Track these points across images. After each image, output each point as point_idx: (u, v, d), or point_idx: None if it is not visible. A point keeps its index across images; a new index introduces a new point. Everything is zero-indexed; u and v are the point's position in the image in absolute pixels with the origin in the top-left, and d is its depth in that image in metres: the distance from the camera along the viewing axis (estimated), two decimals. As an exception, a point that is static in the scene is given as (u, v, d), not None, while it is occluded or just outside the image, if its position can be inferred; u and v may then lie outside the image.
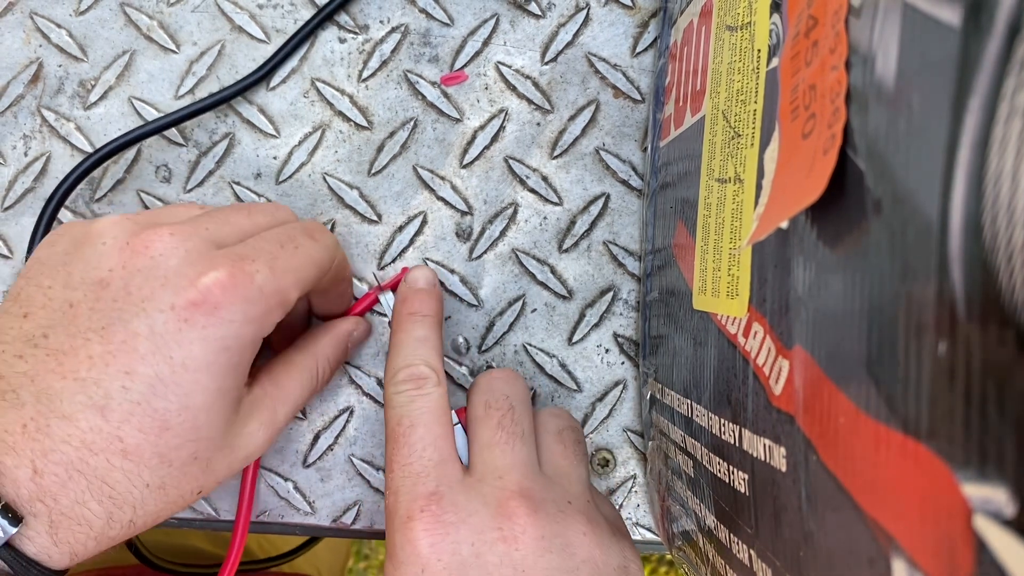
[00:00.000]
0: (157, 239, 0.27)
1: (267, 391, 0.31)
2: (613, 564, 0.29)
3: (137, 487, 0.26)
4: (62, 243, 0.28)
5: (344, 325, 0.36)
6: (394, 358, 0.33)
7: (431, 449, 0.30)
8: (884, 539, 0.15)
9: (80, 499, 0.25)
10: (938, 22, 0.14)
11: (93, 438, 0.25)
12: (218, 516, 0.38)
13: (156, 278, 0.27)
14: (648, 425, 0.36)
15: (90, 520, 0.26)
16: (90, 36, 0.39)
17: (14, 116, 0.39)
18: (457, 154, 0.39)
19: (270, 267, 0.28)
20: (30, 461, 0.25)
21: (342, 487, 0.38)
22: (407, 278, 0.36)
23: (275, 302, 0.28)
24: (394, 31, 0.39)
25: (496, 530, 0.28)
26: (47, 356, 0.26)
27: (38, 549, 0.25)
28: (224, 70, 0.39)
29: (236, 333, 0.27)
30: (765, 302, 0.22)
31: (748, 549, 0.23)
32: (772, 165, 0.21)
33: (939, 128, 0.13)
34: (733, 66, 0.25)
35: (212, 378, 0.27)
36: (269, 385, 0.31)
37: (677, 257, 0.31)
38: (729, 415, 0.24)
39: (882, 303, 0.15)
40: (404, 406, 0.31)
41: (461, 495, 0.29)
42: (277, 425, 0.31)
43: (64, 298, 0.27)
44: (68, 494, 0.25)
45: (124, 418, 0.26)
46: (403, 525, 0.28)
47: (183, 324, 0.26)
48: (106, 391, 0.25)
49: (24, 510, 0.25)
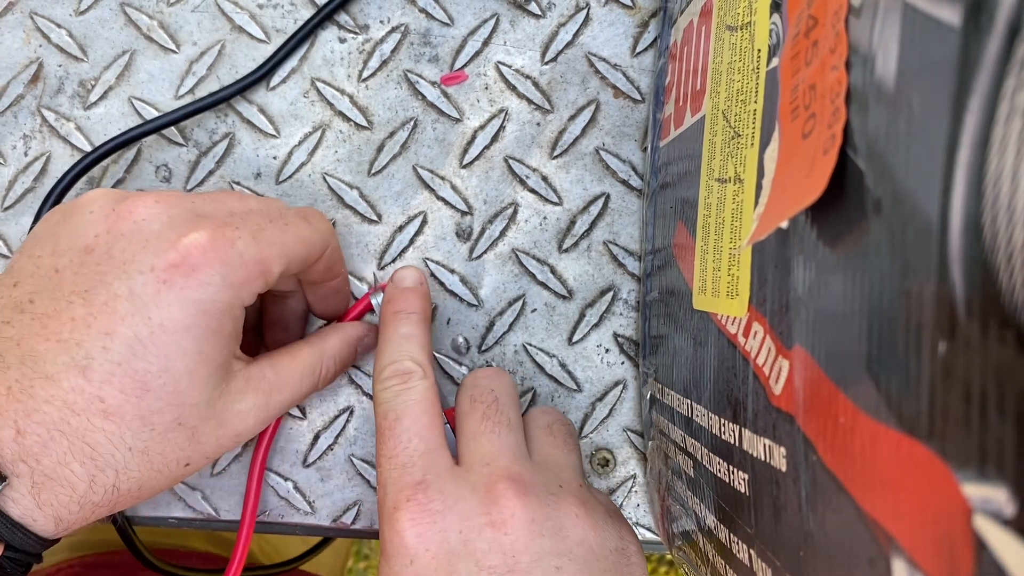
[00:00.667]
0: (142, 205, 0.28)
1: (265, 374, 0.31)
2: (609, 546, 0.29)
3: (119, 449, 0.26)
4: (55, 216, 0.29)
5: (355, 329, 0.36)
6: (380, 357, 0.33)
7: (416, 439, 0.30)
8: (884, 539, 0.15)
9: (62, 460, 0.25)
10: (938, 22, 0.14)
11: (75, 398, 0.25)
12: (218, 516, 0.38)
13: (138, 241, 0.27)
14: (648, 425, 0.36)
15: (72, 482, 0.26)
16: (90, 36, 0.39)
17: (14, 116, 0.39)
18: (457, 154, 0.39)
19: (253, 236, 0.28)
20: (13, 422, 0.25)
21: (342, 487, 0.38)
22: (394, 277, 0.36)
23: (255, 271, 0.28)
24: (394, 31, 0.39)
25: (484, 515, 0.28)
26: (32, 320, 0.26)
27: (22, 511, 0.25)
28: (224, 70, 0.39)
29: (213, 297, 0.27)
30: (765, 302, 0.22)
31: (748, 549, 0.23)
32: (772, 165, 0.21)
33: (939, 128, 0.13)
34: (733, 66, 0.25)
35: (192, 341, 0.27)
36: (268, 369, 0.31)
37: (677, 257, 0.31)
38: (729, 415, 0.24)
39: (882, 303, 0.15)
40: (390, 401, 0.31)
41: (448, 483, 0.29)
42: (270, 411, 0.31)
43: (51, 264, 0.27)
44: (50, 455, 0.25)
45: (105, 379, 0.26)
46: (390, 516, 0.28)
47: (162, 285, 0.26)
48: (87, 352, 0.26)
49: (7, 470, 0.25)
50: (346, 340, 0.35)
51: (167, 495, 0.38)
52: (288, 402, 0.32)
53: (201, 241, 0.27)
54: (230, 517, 0.38)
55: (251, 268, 0.28)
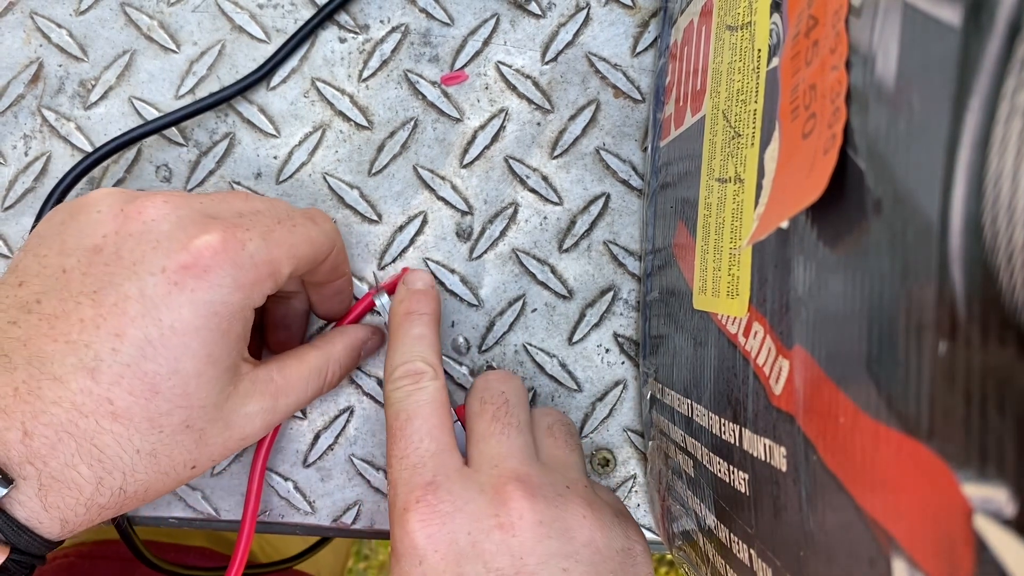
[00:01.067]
0: (151, 205, 0.28)
1: (272, 377, 0.31)
2: (616, 547, 0.29)
3: (127, 452, 0.26)
4: (59, 215, 0.29)
5: (360, 332, 0.36)
6: (392, 356, 0.33)
7: (428, 440, 0.30)
8: (884, 539, 0.15)
9: (70, 462, 0.25)
10: (938, 22, 0.14)
11: (83, 400, 0.25)
12: (219, 516, 0.38)
13: (148, 242, 0.27)
14: (648, 425, 0.36)
15: (80, 484, 0.26)
16: (90, 36, 0.39)
17: (14, 116, 0.39)
18: (457, 154, 0.39)
19: (263, 237, 0.28)
20: (20, 423, 0.25)
21: (342, 487, 0.38)
22: (405, 279, 0.36)
23: (265, 272, 0.28)
24: (394, 31, 0.39)
25: (493, 517, 0.28)
26: (39, 321, 0.26)
27: (28, 514, 0.25)
28: (224, 70, 0.39)
29: (224, 299, 0.27)
30: (765, 302, 0.22)
31: (748, 549, 0.23)
32: (772, 165, 0.21)
33: (939, 128, 0.13)
34: (733, 66, 0.25)
35: (202, 343, 0.27)
36: (276, 372, 0.31)
37: (677, 257, 0.31)
38: (729, 415, 0.24)
39: (882, 303, 0.15)
40: (401, 401, 0.31)
41: (458, 484, 0.29)
42: (277, 414, 0.31)
43: (58, 265, 0.27)
44: (58, 456, 0.25)
45: (114, 380, 0.26)
46: (400, 517, 0.28)
47: (172, 287, 0.26)
48: (96, 353, 0.26)
49: (14, 473, 0.25)
50: (352, 344, 0.35)
51: (167, 495, 0.38)
52: (294, 406, 0.32)
53: (212, 242, 0.27)
54: (230, 517, 0.38)
55: (261, 269, 0.28)
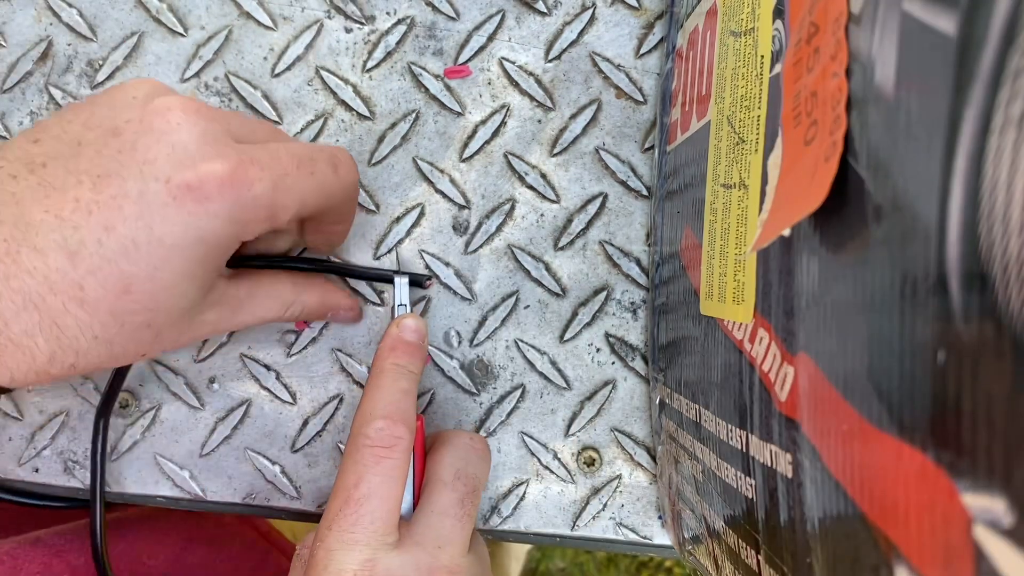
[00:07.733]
0: (181, 108, 0.28)
1: (240, 295, 0.32)
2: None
3: (85, 337, 0.27)
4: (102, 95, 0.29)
5: (340, 300, 0.37)
6: (373, 402, 0.32)
7: (379, 523, 0.30)
8: (887, 546, 0.15)
9: (29, 331, 0.26)
10: (935, 31, 0.14)
11: (57, 278, 0.26)
12: (205, 497, 0.38)
13: (165, 144, 0.27)
14: (658, 429, 0.36)
15: (35, 354, 0.26)
16: (100, 16, 0.39)
17: (22, 93, 0.39)
18: (457, 148, 0.39)
19: (274, 181, 0.28)
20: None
21: (329, 474, 0.38)
22: (399, 324, 0.34)
23: (264, 215, 0.28)
24: (400, 23, 0.39)
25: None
26: (38, 185, 0.26)
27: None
28: (231, 55, 0.39)
29: (216, 229, 0.27)
30: (770, 308, 0.22)
31: (756, 555, 0.23)
32: (775, 171, 0.21)
33: (936, 137, 0.14)
34: (737, 71, 0.25)
35: (183, 261, 0.27)
36: (244, 290, 0.32)
37: (685, 262, 0.31)
38: (736, 421, 0.24)
39: (882, 310, 0.15)
40: (368, 467, 0.30)
41: (396, 560, 0.29)
42: (229, 325, 0.32)
43: (77, 135, 0.27)
44: (20, 323, 0.26)
45: (91, 270, 0.26)
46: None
47: (171, 200, 0.26)
48: (81, 239, 0.26)
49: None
50: (327, 304, 0.36)
51: (155, 473, 0.39)
52: (246, 324, 0.33)
53: (221, 173, 0.27)
54: (217, 499, 0.38)
55: (261, 212, 0.28)
